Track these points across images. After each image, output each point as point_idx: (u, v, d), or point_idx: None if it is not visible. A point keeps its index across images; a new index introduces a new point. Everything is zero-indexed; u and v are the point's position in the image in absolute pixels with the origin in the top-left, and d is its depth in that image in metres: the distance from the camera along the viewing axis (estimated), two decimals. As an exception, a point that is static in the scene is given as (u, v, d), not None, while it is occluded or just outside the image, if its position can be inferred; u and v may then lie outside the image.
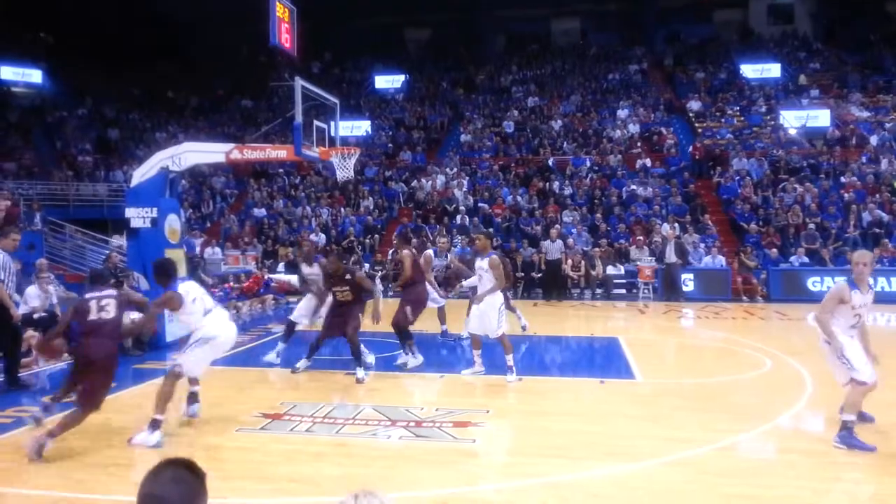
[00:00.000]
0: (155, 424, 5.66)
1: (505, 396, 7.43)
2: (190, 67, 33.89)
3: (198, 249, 17.93)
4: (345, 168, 12.11)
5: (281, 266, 18.68)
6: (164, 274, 6.13)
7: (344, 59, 36.31)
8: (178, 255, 11.09)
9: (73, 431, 5.47)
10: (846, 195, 19.49)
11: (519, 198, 21.47)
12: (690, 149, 22.87)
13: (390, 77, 32.69)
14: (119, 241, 15.52)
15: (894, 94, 25.78)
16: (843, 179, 20.41)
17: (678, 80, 29.82)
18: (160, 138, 26.77)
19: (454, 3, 34.20)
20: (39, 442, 5.22)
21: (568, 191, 21.63)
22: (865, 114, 24.51)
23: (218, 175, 24.92)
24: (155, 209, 10.77)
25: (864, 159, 21.49)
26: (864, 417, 5.96)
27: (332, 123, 12.44)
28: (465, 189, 22.27)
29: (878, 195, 19.28)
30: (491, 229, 19.92)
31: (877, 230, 17.82)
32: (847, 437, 5.48)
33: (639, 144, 24.23)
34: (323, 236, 20.20)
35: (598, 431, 6.05)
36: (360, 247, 19.73)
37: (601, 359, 9.96)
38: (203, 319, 6.12)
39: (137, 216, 10.81)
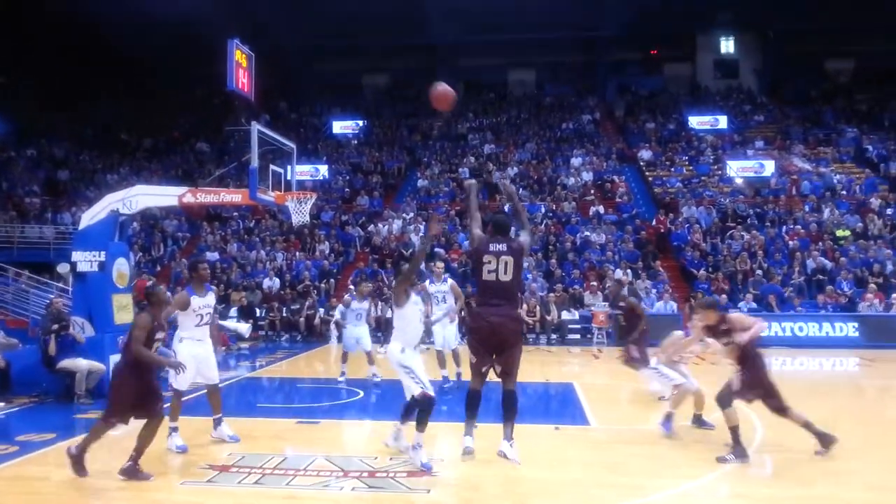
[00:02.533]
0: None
1: (458, 444, 7.33)
2: (144, 108, 33.58)
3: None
4: (300, 212, 12.03)
5: (233, 311, 18.33)
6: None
7: (301, 104, 36.50)
8: (125, 300, 10.81)
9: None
10: (791, 243, 20.16)
11: (475, 243, 21.57)
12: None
13: (348, 122, 32.94)
14: (61, 284, 15.08)
15: (834, 146, 27.00)
16: (787, 227, 21.13)
17: (629, 130, 30.73)
18: (111, 180, 26.30)
19: (412, 51, 34.83)
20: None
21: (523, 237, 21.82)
22: (808, 164, 25.56)
23: (170, 218, 24.51)
24: (103, 252, 10.49)
25: (807, 208, 22.34)
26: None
27: (289, 168, 12.40)
28: (421, 234, 22.34)
29: (820, 243, 20.00)
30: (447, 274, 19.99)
31: (820, 276, 18.43)
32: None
33: (592, 192, 24.73)
34: (277, 280, 19.94)
35: (554, 479, 6.01)
36: (315, 291, 19.52)
37: (556, 404, 9.96)
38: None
39: (85, 259, 10.50)
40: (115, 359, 9.99)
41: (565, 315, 17.92)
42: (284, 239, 22.94)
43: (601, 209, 23.36)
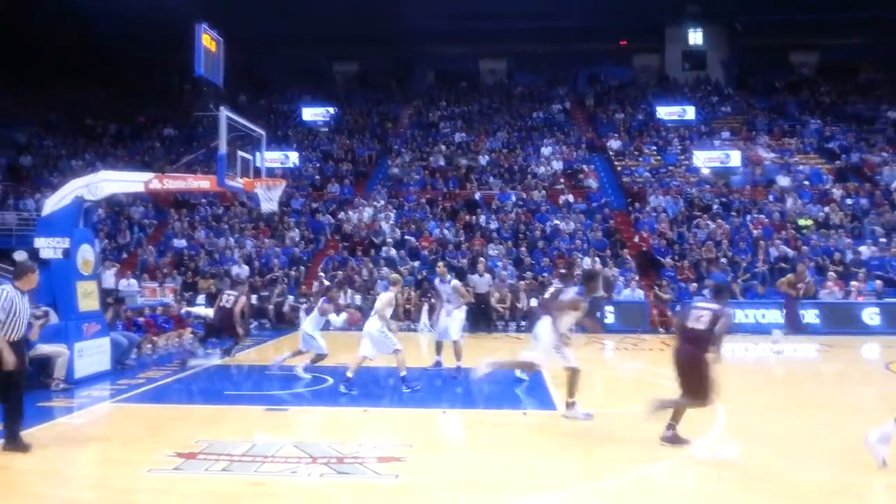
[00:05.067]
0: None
1: (429, 430, 7.42)
2: (111, 93, 32.91)
3: (112, 281, 17.26)
4: (270, 199, 11.97)
5: (201, 299, 18.15)
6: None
7: (272, 91, 36.09)
8: (90, 287, 10.66)
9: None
10: (755, 231, 20.56)
11: (446, 231, 21.68)
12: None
13: (318, 109, 32.68)
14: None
15: (798, 137, 27.53)
16: (751, 217, 21.54)
17: (599, 120, 30.96)
18: (76, 166, 25.79)
19: (383, 39, 34.60)
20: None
21: (494, 225, 21.98)
22: (772, 155, 26.03)
23: (137, 204, 24.14)
24: (67, 239, 10.33)
25: (771, 198, 22.78)
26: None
27: (258, 154, 12.30)
28: (392, 222, 22.33)
29: (783, 232, 20.44)
30: (417, 262, 20.06)
31: (783, 265, 18.83)
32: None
33: (562, 181, 24.93)
34: (246, 268, 19.79)
35: (522, 464, 6.11)
36: (285, 279, 19.42)
37: (524, 391, 10.07)
38: None
39: (48, 246, 10.33)
40: (80, 346, 9.90)
41: (535, 303, 18.05)
42: (254, 226, 22.75)
43: (571, 198, 23.56)
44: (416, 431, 7.30)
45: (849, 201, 22.16)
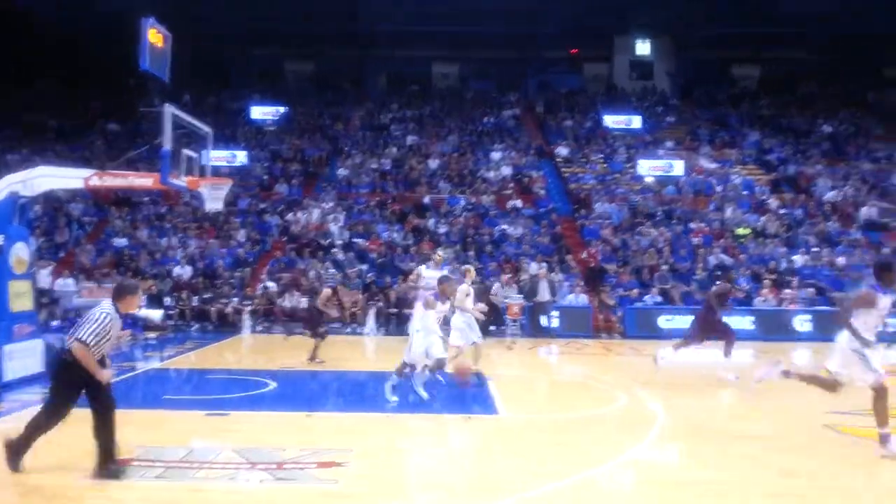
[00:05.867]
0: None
1: (371, 435, 7.42)
2: (52, 87, 31.82)
3: (48, 280, 16.73)
4: (215, 199, 11.79)
5: (142, 300, 17.72)
6: None
7: (221, 88, 35.44)
8: (23, 287, 10.33)
9: None
10: (695, 240, 21.17)
11: (395, 234, 21.67)
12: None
13: (268, 108, 32.24)
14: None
15: (738, 148, 28.44)
16: (692, 225, 22.15)
17: (548, 127, 31.37)
18: (12, 160, 24.84)
19: (336, 39, 34.37)
20: None
21: (443, 229, 22.08)
22: (714, 165, 26.81)
23: (76, 201, 23.41)
24: (0, 237, 9.99)
25: (711, 207, 23.48)
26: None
27: (204, 152, 12.11)
28: (340, 224, 22.20)
29: (722, 240, 21.10)
30: (365, 265, 20.00)
31: (720, 273, 19.41)
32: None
33: (511, 186, 25.18)
34: (189, 269, 19.41)
35: (464, 468, 6.18)
36: (231, 280, 19.13)
37: (468, 395, 10.16)
38: None
39: (-21, 244, 9.97)
40: (10, 348, 9.58)
41: (482, 306, 18.19)
42: (198, 226, 22.32)
43: (519, 203, 23.83)
44: (358, 436, 7.30)
45: (784, 212, 23.00)
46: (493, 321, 16.21)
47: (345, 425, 7.89)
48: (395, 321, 17.61)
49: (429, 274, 10.78)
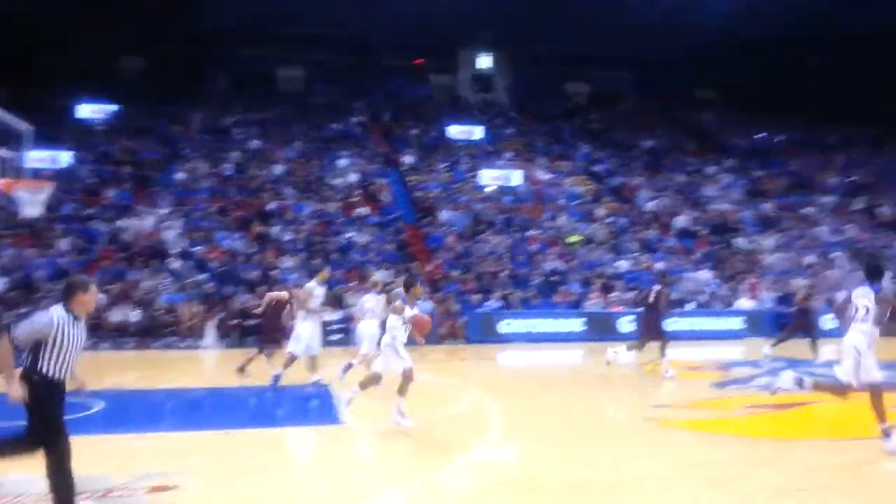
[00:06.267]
0: None
1: (206, 454, 7.22)
2: None
3: None
4: (33, 203, 10.96)
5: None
6: None
7: (43, 83, 32.50)
8: None
9: None
10: (532, 247, 22.38)
11: (237, 242, 21.03)
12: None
13: (98, 106, 30.01)
14: None
15: (571, 160, 30.37)
16: (529, 233, 23.39)
17: (395, 135, 31.80)
18: None
19: (174, 35, 32.66)
20: None
21: (288, 236, 21.73)
22: (549, 176, 28.45)
23: None
24: None
25: (546, 216, 24.92)
26: None
27: (21, 152, 11.19)
28: (178, 231, 21.19)
29: (556, 247, 22.47)
30: (205, 274, 19.25)
31: (555, 277, 20.71)
32: None
33: (357, 193, 25.26)
34: (2, 280, 17.72)
35: (308, 482, 6.19)
36: (51, 292, 17.65)
37: (311, 406, 10.14)
38: None
39: None
40: None
41: (328, 316, 18.12)
42: (13, 233, 20.37)
43: (365, 210, 23.96)
44: (193, 456, 7.08)
45: (610, 220, 24.88)
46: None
47: (178, 446, 7.61)
48: (239, 333, 17.10)
49: (368, 299, 11.39)
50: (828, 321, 19.77)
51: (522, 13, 31.36)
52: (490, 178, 26.83)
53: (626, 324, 19.32)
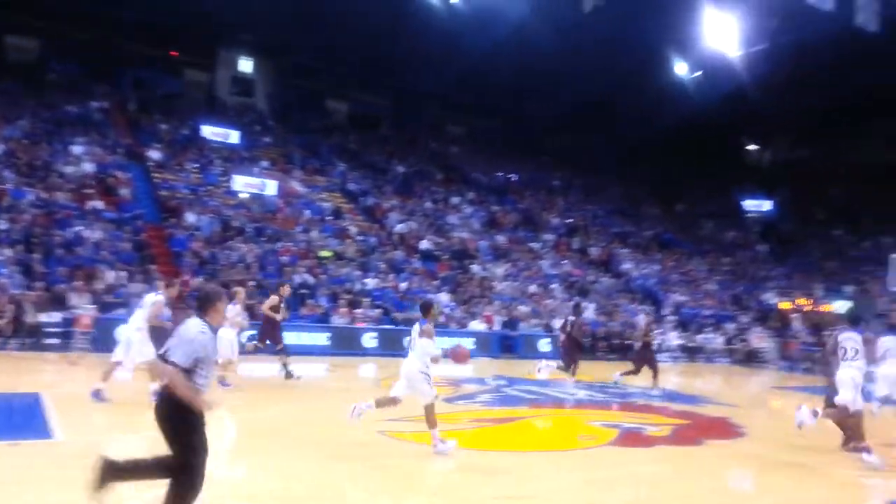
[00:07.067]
0: None
1: None
2: None
3: None
4: None
5: None
6: None
7: None
8: None
9: None
10: (283, 258, 22.23)
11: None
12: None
13: None
14: None
15: (327, 176, 30.75)
16: (280, 244, 23.22)
17: (141, 127, 29.58)
18: None
19: None
20: None
21: (3, 225, 19.11)
22: (305, 189, 28.50)
23: None
24: None
25: (299, 228, 24.92)
26: None
27: None
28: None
29: (307, 260, 22.58)
30: None
31: (304, 291, 20.80)
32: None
33: (92, 185, 23.03)
34: None
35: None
36: None
37: (18, 418, 9.11)
38: None
39: None
40: None
41: (44, 318, 16.31)
42: None
43: (100, 204, 21.94)
44: None
45: (361, 238, 25.65)
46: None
47: None
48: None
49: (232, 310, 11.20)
50: (544, 345, 22.53)
51: (286, 24, 31.18)
52: (243, 184, 26.23)
53: (370, 339, 20.07)
